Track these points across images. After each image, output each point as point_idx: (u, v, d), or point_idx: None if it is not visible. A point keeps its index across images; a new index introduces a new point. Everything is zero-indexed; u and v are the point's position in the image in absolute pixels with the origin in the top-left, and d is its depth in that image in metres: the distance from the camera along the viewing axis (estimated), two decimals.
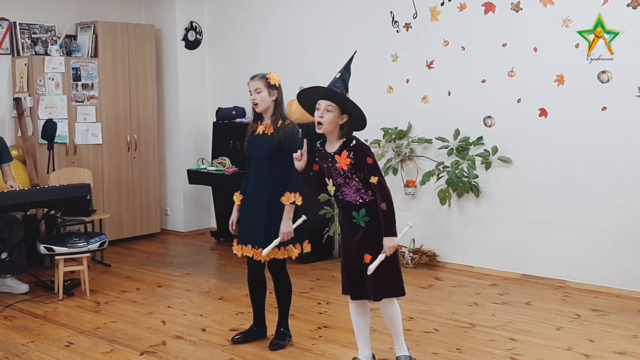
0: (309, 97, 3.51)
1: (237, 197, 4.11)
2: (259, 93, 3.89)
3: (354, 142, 3.43)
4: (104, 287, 5.50)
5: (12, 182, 5.37)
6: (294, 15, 6.86)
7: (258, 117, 4.01)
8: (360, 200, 3.45)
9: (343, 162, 3.41)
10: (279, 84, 3.94)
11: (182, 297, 5.20)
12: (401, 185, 6.06)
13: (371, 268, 3.36)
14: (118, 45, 6.96)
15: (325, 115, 3.39)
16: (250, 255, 3.95)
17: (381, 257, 3.39)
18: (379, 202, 3.42)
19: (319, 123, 3.41)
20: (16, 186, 5.29)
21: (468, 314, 4.67)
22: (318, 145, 3.57)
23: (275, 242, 3.82)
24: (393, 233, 3.41)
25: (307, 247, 4.01)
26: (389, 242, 3.38)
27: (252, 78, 3.96)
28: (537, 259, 5.49)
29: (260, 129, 3.96)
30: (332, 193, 3.56)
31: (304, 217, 3.91)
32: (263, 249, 3.85)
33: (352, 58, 3.63)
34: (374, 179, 3.40)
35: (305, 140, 3.53)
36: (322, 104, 3.40)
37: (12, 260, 5.22)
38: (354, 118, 3.44)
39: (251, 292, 4.17)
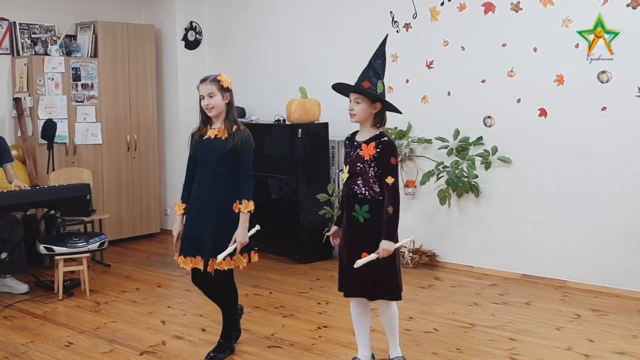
0: (343, 91, 3.60)
1: (179, 207, 3.91)
2: (212, 97, 3.67)
3: (386, 138, 3.49)
4: (103, 287, 5.50)
5: (18, 181, 5.36)
6: (294, 15, 6.86)
7: (207, 120, 3.79)
8: (367, 196, 3.46)
9: (367, 151, 3.46)
10: (231, 86, 3.76)
11: (181, 297, 5.20)
12: (401, 186, 6.06)
13: (359, 262, 3.37)
14: (118, 45, 6.96)
15: (355, 107, 3.48)
16: (201, 268, 3.70)
17: (373, 256, 3.38)
18: (387, 204, 3.41)
19: (351, 115, 3.51)
20: (22, 185, 5.27)
21: (468, 314, 4.67)
22: (349, 135, 3.64)
23: (230, 248, 3.64)
24: (392, 238, 3.40)
25: (254, 257, 3.84)
26: (385, 245, 3.37)
27: (203, 81, 3.73)
28: (537, 259, 5.49)
29: (211, 133, 3.73)
30: (344, 180, 3.58)
31: (257, 227, 3.76)
32: (215, 258, 3.65)
33: (383, 42, 3.65)
34: (390, 180, 3.42)
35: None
36: (352, 96, 3.50)
37: (12, 260, 5.21)
38: (387, 106, 3.52)
39: (212, 300, 4.02)
